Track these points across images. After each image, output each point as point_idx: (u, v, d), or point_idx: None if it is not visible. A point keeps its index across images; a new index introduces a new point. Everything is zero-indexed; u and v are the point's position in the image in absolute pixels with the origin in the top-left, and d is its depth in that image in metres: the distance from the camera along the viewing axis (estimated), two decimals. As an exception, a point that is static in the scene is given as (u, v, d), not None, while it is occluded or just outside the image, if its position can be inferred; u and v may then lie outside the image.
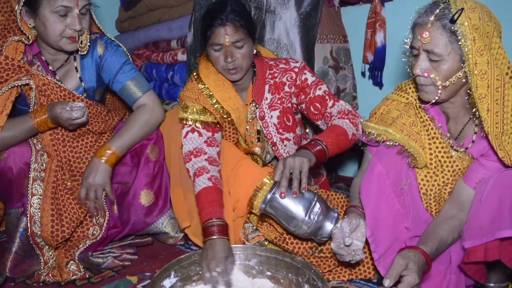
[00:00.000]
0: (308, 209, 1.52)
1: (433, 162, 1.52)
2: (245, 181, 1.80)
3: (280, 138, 1.89)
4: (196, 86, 1.85)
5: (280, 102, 1.86)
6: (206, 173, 1.71)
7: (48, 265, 1.75)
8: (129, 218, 1.92)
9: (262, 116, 1.87)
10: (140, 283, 1.71)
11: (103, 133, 1.92)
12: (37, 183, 1.74)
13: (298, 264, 1.57)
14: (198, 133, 1.80)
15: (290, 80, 1.84)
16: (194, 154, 1.76)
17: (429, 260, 1.33)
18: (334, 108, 1.79)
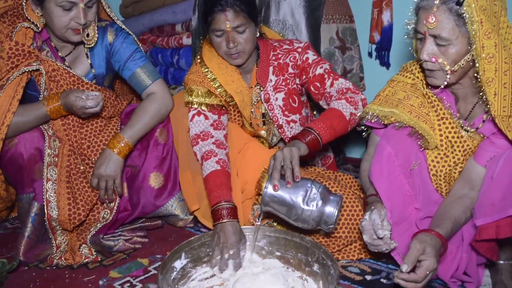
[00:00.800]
0: (305, 196, 1.50)
1: (443, 143, 1.50)
2: (252, 164, 1.80)
3: (286, 120, 1.88)
4: (200, 70, 1.84)
5: (285, 83, 1.85)
6: (214, 156, 1.70)
7: (61, 249, 1.77)
8: (139, 201, 1.93)
9: (267, 99, 1.86)
10: (151, 265, 1.73)
11: (111, 118, 1.92)
12: (51, 168, 1.75)
13: (307, 244, 1.58)
14: (204, 116, 1.79)
15: (293, 60, 1.84)
16: (201, 137, 1.76)
17: (445, 243, 1.32)
18: (333, 87, 1.77)
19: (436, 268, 1.25)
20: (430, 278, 1.27)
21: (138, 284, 1.60)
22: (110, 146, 1.76)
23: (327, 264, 1.47)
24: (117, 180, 1.77)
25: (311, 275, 1.56)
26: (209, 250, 1.62)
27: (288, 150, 1.49)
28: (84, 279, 1.64)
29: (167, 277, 1.49)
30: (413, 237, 1.32)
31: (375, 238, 1.46)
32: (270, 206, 1.52)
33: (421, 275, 1.24)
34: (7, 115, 1.66)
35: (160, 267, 1.46)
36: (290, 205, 1.49)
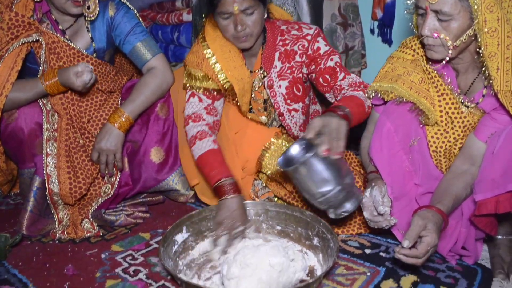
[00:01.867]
0: (343, 177, 1.39)
1: (443, 119, 1.50)
2: (252, 142, 1.80)
3: (288, 109, 1.84)
4: (201, 50, 1.77)
5: (290, 71, 1.79)
6: (210, 136, 1.69)
7: (63, 223, 1.78)
8: (140, 176, 1.94)
9: (270, 85, 1.80)
10: (153, 239, 1.74)
11: (112, 92, 1.92)
12: (50, 143, 1.76)
13: (307, 218, 1.59)
14: (199, 99, 1.77)
15: (301, 49, 1.76)
16: (192, 118, 1.74)
17: (446, 219, 1.33)
18: (345, 81, 1.70)
19: (437, 244, 1.27)
20: (431, 254, 1.28)
21: (140, 257, 1.62)
22: (111, 121, 1.76)
23: (327, 238, 1.49)
24: (118, 154, 1.77)
25: (311, 248, 1.58)
26: (210, 225, 1.63)
27: (337, 122, 1.36)
28: (86, 252, 1.66)
29: (169, 250, 1.51)
30: (414, 213, 1.33)
31: (375, 214, 1.48)
32: (304, 170, 1.36)
33: (422, 251, 1.25)
34: (6, 86, 1.65)
35: (162, 241, 1.48)
36: (326, 178, 1.36)
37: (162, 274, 1.51)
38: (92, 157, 1.76)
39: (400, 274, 1.47)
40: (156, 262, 1.58)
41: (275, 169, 1.79)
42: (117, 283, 1.46)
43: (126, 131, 1.80)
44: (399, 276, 1.46)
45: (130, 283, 1.46)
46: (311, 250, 1.58)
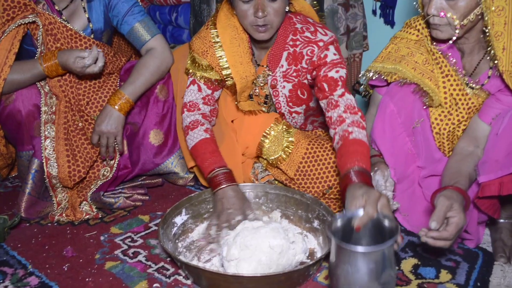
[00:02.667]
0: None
1: (447, 101, 1.49)
2: (251, 129, 1.78)
3: (289, 110, 1.79)
4: (209, 37, 1.68)
5: (296, 75, 1.69)
6: (201, 126, 1.66)
7: (61, 206, 1.78)
8: (139, 158, 1.92)
9: (273, 85, 1.74)
10: (152, 222, 1.74)
11: (110, 74, 1.90)
12: (49, 126, 1.74)
13: (307, 201, 1.59)
14: (198, 87, 1.73)
15: (309, 54, 1.61)
16: (187, 107, 1.71)
17: (468, 199, 1.29)
18: (342, 99, 1.50)
19: (465, 224, 1.22)
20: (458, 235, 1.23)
21: (139, 239, 1.62)
22: (111, 103, 1.74)
23: (327, 220, 1.49)
24: (118, 137, 1.76)
25: (311, 231, 1.58)
26: (209, 207, 1.63)
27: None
28: (85, 234, 1.66)
29: (168, 232, 1.51)
30: (434, 195, 1.29)
31: None
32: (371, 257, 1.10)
33: (452, 232, 1.19)
34: (4, 68, 1.63)
35: (161, 222, 1.48)
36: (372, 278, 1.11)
37: (161, 256, 1.51)
38: (92, 140, 1.75)
39: (401, 257, 1.47)
40: (155, 244, 1.58)
41: (276, 156, 1.77)
42: (117, 265, 1.46)
43: (127, 114, 1.78)
44: (399, 259, 1.46)
45: (130, 265, 1.46)
46: (311, 233, 1.58)
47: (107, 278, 1.40)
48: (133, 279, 1.39)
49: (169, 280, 1.39)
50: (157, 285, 1.36)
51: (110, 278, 1.40)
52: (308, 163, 1.73)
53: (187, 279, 1.39)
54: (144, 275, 1.41)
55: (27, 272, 1.43)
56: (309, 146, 1.74)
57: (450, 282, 1.36)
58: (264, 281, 1.26)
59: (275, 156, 1.77)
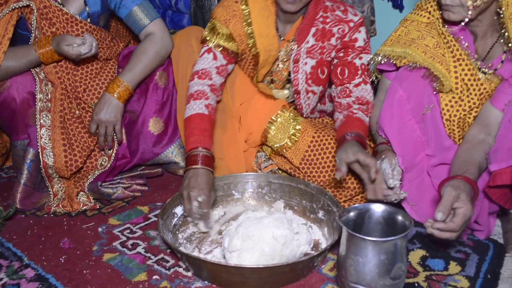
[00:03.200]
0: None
1: (458, 86, 1.48)
2: (258, 114, 1.77)
3: (306, 89, 1.79)
4: (234, 6, 1.68)
5: (321, 52, 1.72)
6: (205, 99, 1.63)
7: (58, 197, 1.78)
8: (138, 148, 1.92)
9: (296, 59, 1.74)
10: (152, 213, 1.74)
11: (108, 60, 1.89)
12: (44, 114, 1.74)
13: (312, 191, 1.59)
14: (214, 56, 1.70)
15: (340, 33, 1.68)
16: (199, 74, 1.68)
17: (476, 189, 1.28)
18: (357, 89, 1.67)
19: (472, 215, 1.21)
20: (465, 226, 1.23)
21: (138, 230, 1.62)
22: (110, 91, 1.73)
23: (332, 211, 1.49)
24: (117, 126, 1.76)
25: (316, 222, 1.58)
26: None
27: None
28: (83, 226, 1.66)
29: (168, 223, 1.51)
30: (441, 184, 1.28)
31: (384, 188, 1.45)
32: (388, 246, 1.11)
33: (459, 223, 1.18)
34: (-2, 54, 1.63)
35: (160, 213, 1.48)
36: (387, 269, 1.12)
37: (161, 248, 1.51)
38: (90, 129, 1.75)
39: (409, 249, 1.47)
40: (155, 236, 1.58)
41: (282, 143, 1.77)
42: (115, 257, 1.46)
43: (126, 102, 1.77)
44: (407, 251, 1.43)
45: (128, 257, 1.46)
46: (315, 224, 1.58)
47: (105, 270, 1.40)
48: (132, 271, 1.39)
49: (169, 272, 1.39)
50: (157, 277, 1.36)
51: (108, 270, 1.40)
52: (314, 151, 1.73)
53: (187, 271, 1.39)
54: (143, 267, 1.41)
55: (22, 264, 1.43)
56: (315, 135, 1.74)
57: (460, 274, 1.36)
58: (267, 272, 1.26)
59: (280, 143, 1.77)
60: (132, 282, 1.34)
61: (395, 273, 1.11)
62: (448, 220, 1.20)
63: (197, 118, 1.59)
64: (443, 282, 1.33)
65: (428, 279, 1.34)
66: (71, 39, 1.64)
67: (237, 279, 1.28)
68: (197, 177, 1.49)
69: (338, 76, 1.72)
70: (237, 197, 1.72)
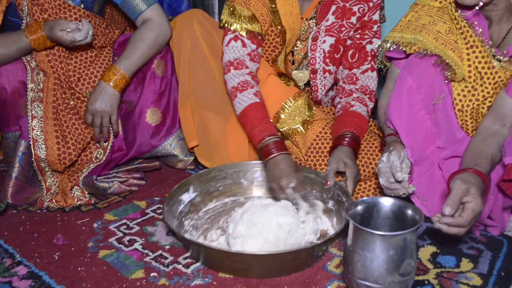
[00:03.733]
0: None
1: (472, 75, 1.45)
2: (269, 99, 1.75)
3: (324, 68, 1.79)
4: None
5: (339, 30, 1.74)
6: (251, 88, 1.64)
7: (51, 191, 1.77)
8: (134, 140, 1.91)
9: (315, 37, 1.75)
10: (149, 208, 1.73)
11: (103, 47, 1.86)
12: (36, 104, 1.72)
13: (322, 180, 1.59)
14: (242, 43, 1.69)
15: (360, 12, 1.71)
16: (234, 65, 1.67)
17: (488, 183, 1.26)
18: (363, 76, 1.74)
19: (482, 210, 1.20)
20: (474, 222, 1.21)
21: (136, 226, 1.61)
22: (105, 79, 1.71)
23: (342, 201, 1.50)
24: (114, 116, 1.74)
25: (326, 212, 1.59)
26: (219, 185, 1.66)
27: None
28: (77, 221, 1.65)
29: (174, 210, 1.52)
30: (451, 177, 1.27)
31: (392, 181, 1.44)
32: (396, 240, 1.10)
33: (467, 218, 1.17)
34: (-13, 42, 1.61)
35: (166, 199, 1.51)
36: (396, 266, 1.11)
37: (159, 244, 1.50)
38: (85, 120, 1.73)
39: (419, 245, 1.46)
40: (153, 232, 1.57)
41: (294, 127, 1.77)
42: (111, 253, 1.45)
43: (122, 91, 1.75)
44: (417, 247, 1.44)
45: (125, 253, 1.45)
46: (325, 214, 1.59)
47: (101, 267, 1.39)
48: (129, 268, 1.38)
49: (168, 269, 1.38)
50: (155, 274, 1.35)
51: (104, 267, 1.39)
52: (323, 140, 1.74)
53: (187, 267, 1.38)
54: (141, 264, 1.40)
55: (14, 261, 1.42)
56: (326, 127, 1.76)
57: (472, 272, 1.35)
58: (270, 260, 1.27)
59: (292, 126, 1.77)
60: (129, 280, 1.33)
61: (404, 269, 1.10)
62: (457, 215, 1.19)
63: (253, 109, 1.61)
64: (455, 279, 1.32)
65: (439, 276, 1.33)
66: (64, 23, 1.62)
67: (239, 266, 1.29)
68: (279, 166, 1.52)
69: (348, 59, 1.75)
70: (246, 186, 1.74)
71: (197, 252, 1.38)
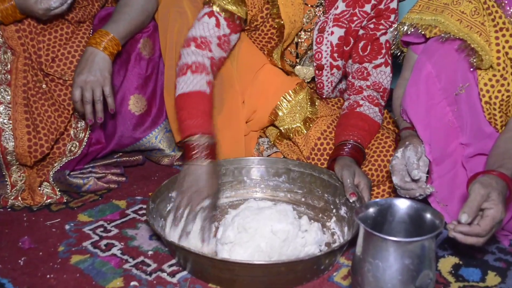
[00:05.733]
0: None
1: (501, 62, 1.42)
2: (266, 89, 1.73)
3: (331, 63, 1.76)
4: None
5: (350, 20, 1.69)
6: (206, 75, 1.57)
7: (16, 187, 1.73)
8: (115, 131, 1.88)
9: (322, 28, 1.71)
10: (130, 208, 1.72)
11: (81, 22, 1.83)
12: (2, 88, 1.67)
13: (336, 183, 1.57)
14: (216, 22, 1.62)
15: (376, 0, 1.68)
16: (197, 43, 1.60)
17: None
18: (376, 71, 1.72)
19: (503, 218, 1.17)
20: (495, 231, 1.19)
21: (114, 229, 1.59)
22: (93, 43, 1.67)
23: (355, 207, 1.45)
24: (107, 87, 1.67)
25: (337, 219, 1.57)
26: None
27: None
28: (46, 222, 1.62)
29: (161, 208, 1.50)
30: (470, 180, 1.24)
31: (407, 180, 1.41)
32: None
33: (486, 227, 1.15)
34: None
35: (153, 196, 1.48)
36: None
37: (141, 249, 1.48)
38: (73, 97, 1.66)
39: (439, 255, 1.44)
40: (134, 235, 1.55)
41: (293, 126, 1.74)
42: (85, 259, 1.43)
43: (113, 57, 1.70)
44: (437, 257, 1.42)
45: (101, 259, 1.43)
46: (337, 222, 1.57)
47: (73, 274, 1.37)
48: (105, 276, 1.36)
49: (150, 278, 1.36)
50: (135, 284, 1.34)
51: (77, 274, 1.38)
52: (328, 140, 1.72)
53: (172, 276, 1.36)
54: (119, 271, 1.39)
55: (-27, 267, 1.39)
56: (331, 125, 1.75)
57: (499, 287, 1.34)
58: (260, 271, 1.25)
59: (291, 125, 1.74)
60: None
61: (421, 281, 1.07)
62: (475, 223, 1.16)
63: (197, 97, 1.52)
64: None
65: None
66: None
67: (226, 275, 1.28)
68: (201, 176, 1.43)
69: (359, 52, 1.72)
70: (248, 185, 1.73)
71: (183, 259, 1.36)
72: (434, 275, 1.10)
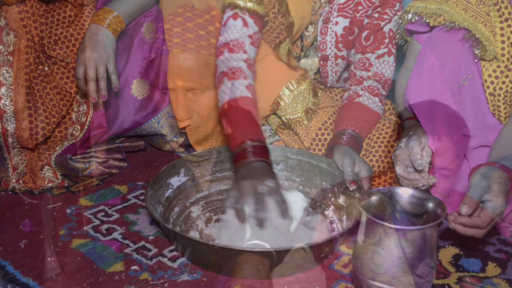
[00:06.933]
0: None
1: (505, 53, 1.44)
2: (269, 78, 1.72)
3: (336, 54, 1.77)
4: None
5: (355, 9, 1.70)
6: (244, 79, 1.54)
7: (17, 171, 1.74)
8: (117, 115, 1.88)
9: (326, 19, 1.73)
10: (131, 193, 1.72)
11: (84, 5, 1.83)
12: (4, 69, 1.68)
13: (334, 171, 1.57)
14: (243, 22, 1.59)
15: None
16: (230, 47, 1.57)
17: None
18: (378, 61, 1.73)
19: (504, 210, 1.19)
20: (496, 223, 1.21)
21: (115, 214, 1.60)
22: (96, 20, 1.67)
23: (354, 197, 1.47)
24: (111, 64, 1.66)
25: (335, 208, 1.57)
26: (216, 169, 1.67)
27: None
28: (47, 206, 1.64)
29: (159, 194, 1.50)
30: (472, 172, 1.26)
31: (410, 171, 1.44)
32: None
33: (486, 219, 1.17)
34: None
35: (151, 182, 1.48)
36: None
37: (142, 234, 1.49)
38: (76, 74, 1.66)
39: (439, 245, 1.45)
40: (135, 220, 1.56)
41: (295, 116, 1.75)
42: (86, 243, 1.44)
43: (117, 35, 1.71)
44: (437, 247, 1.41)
45: (102, 243, 1.44)
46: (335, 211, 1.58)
47: (74, 258, 1.38)
48: (106, 260, 1.37)
49: (151, 263, 1.37)
50: (136, 268, 1.34)
51: (78, 258, 1.38)
52: (329, 131, 1.73)
53: (173, 261, 1.37)
54: (120, 255, 1.39)
55: (-27, 249, 1.41)
56: (333, 116, 1.76)
57: (499, 277, 1.34)
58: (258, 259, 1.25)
59: (293, 116, 1.75)
60: (106, 273, 1.31)
61: (422, 270, 1.09)
62: (476, 214, 1.18)
63: (243, 104, 1.49)
64: (479, 285, 1.31)
65: (461, 281, 1.32)
66: None
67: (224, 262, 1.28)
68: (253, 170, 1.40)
69: (361, 42, 1.73)
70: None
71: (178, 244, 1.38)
72: (435, 264, 1.12)
